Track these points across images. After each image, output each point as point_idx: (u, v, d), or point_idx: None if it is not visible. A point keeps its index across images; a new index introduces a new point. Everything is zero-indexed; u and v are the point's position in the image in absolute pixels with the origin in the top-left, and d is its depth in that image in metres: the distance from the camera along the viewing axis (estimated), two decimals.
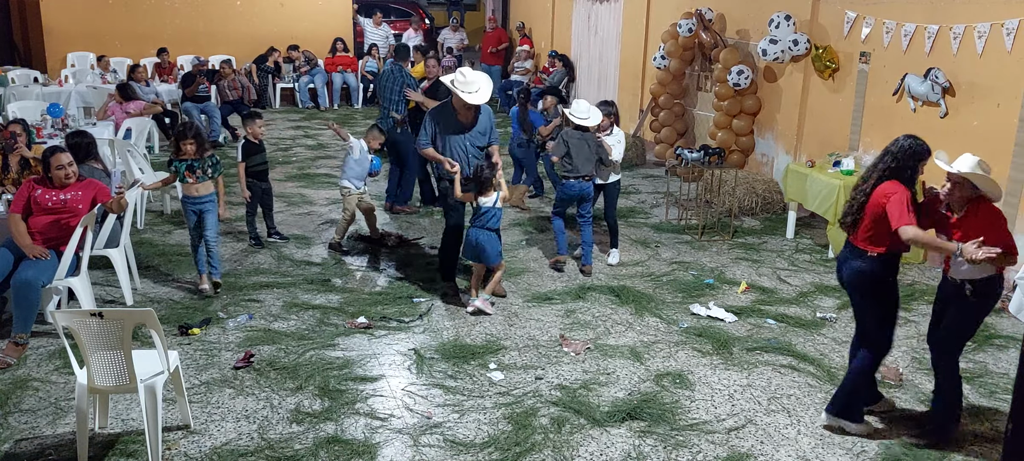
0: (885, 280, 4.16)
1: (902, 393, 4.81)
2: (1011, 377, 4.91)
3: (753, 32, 9.50)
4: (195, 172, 5.95)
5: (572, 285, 6.47)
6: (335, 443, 4.12)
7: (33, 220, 5.17)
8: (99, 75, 12.63)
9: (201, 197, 5.99)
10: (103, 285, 6.15)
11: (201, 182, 5.98)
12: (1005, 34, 6.38)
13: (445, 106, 5.99)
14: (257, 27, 16.29)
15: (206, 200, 6.03)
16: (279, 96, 15.59)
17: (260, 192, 7.24)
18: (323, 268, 6.76)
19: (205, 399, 4.54)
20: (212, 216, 6.07)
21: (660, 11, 11.47)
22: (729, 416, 4.51)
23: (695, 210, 8.43)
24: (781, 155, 9.21)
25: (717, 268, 6.99)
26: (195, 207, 6.01)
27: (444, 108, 5.99)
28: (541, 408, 4.53)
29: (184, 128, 5.99)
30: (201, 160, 5.98)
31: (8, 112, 9.59)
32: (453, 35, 16.94)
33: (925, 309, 6.17)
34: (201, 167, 5.97)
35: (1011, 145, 6.41)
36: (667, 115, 10.99)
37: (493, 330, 5.59)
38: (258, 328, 5.51)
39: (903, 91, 7.32)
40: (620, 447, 4.17)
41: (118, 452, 4.02)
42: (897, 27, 7.39)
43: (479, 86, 5.78)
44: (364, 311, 5.83)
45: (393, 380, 4.84)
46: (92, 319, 3.70)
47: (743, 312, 5.98)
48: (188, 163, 5.96)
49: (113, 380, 3.83)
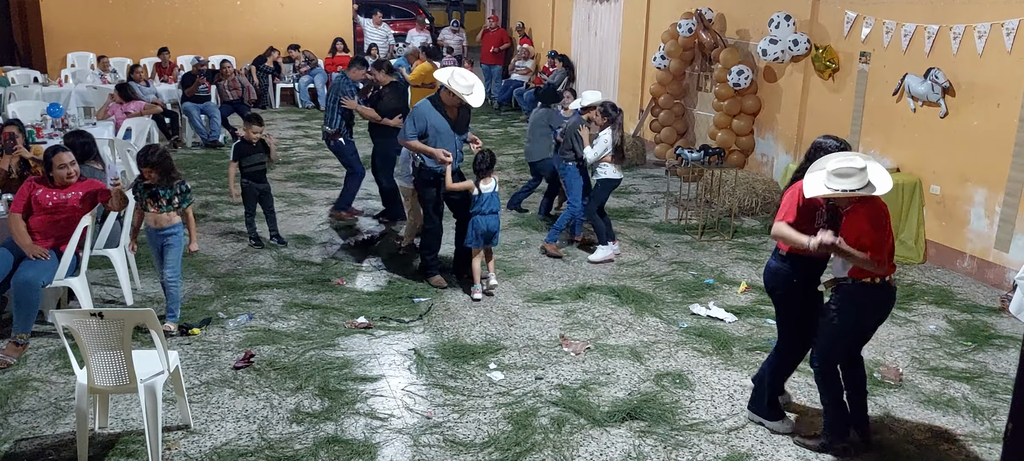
0: (790, 280, 4.11)
1: (902, 393, 4.81)
2: (1011, 377, 4.91)
3: (753, 32, 9.50)
4: (158, 200, 5.23)
5: (572, 285, 6.47)
6: (335, 443, 4.12)
7: (33, 220, 5.17)
8: (99, 75, 12.63)
9: (163, 229, 5.28)
10: (103, 285, 6.15)
11: (164, 212, 5.26)
12: (1005, 34, 6.38)
13: (434, 101, 6.17)
14: (257, 27, 16.28)
15: (169, 233, 5.30)
16: (279, 96, 15.59)
17: (257, 193, 7.17)
18: (323, 268, 6.76)
19: (205, 399, 4.54)
20: (174, 252, 5.33)
21: (660, 11, 11.47)
22: (729, 416, 4.51)
23: (695, 210, 8.44)
24: (781, 155, 9.21)
25: (717, 268, 6.99)
26: (156, 239, 5.33)
27: (434, 103, 6.16)
28: (541, 408, 4.53)
29: (147, 152, 5.25)
30: (168, 189, 5.26)
31: (8, 112, 9.59)
32: (453, 36, 16.94)
33: (925, 309, 6.17)
34: (166, 196, 5.25)
35: (1011, 145, 6.42)
36: (667, 115, 10.99)
37: (493, 330, 5.59)
38: (258, 328, 5.51)
39: (903, 91, 7.32)
40: (620, 447, 4.17)
41: (118, 452, 4.02)
42: (897, 27, 7.39)
43: (475, 86, 6.04)
44: (364, 311, 5.83)
45: (393, 380, 4.84)
46: (92, 319, 3.70)
47: (743, 312, 5.98)
48: (152, 189, 5.26)
49: (113, 380, 3.83)
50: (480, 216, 6.10)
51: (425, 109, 6.14)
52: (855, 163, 3.70)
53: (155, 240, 5.32)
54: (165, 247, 5.31)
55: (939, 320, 5.96)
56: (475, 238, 6.14)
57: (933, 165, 7.16)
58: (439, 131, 6.08)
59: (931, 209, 7.22)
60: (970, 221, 6.86)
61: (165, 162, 5.23)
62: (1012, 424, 2.92)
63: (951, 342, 5.57)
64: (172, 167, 5.28)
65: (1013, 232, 6.47)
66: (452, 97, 6.05)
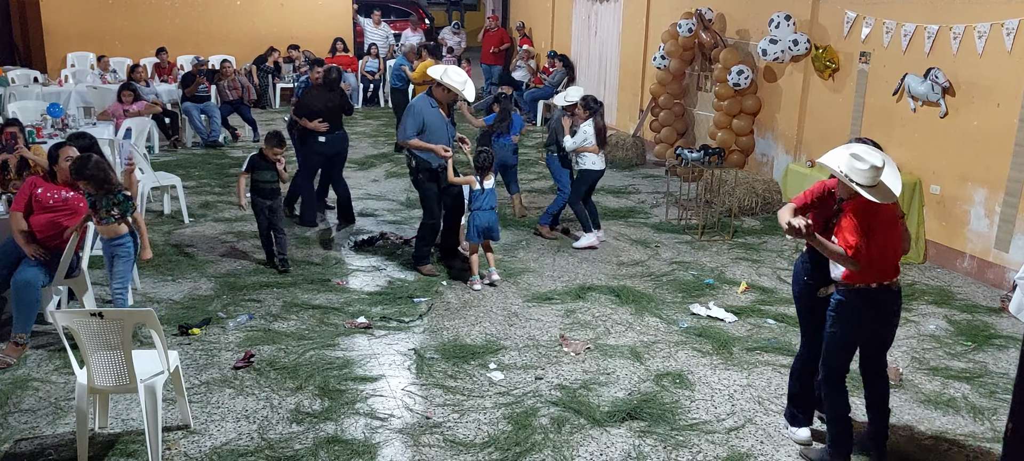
0: (802, 277, 4.07)
1: (902, 393, 4.82)
2: (1011, 377, 4.91)
3: (753, 32, 9.50)
4: (97, 211, 4.91)
5: (572, 285, 6.47)
6: (335, 443, 4.12)
7: (34, 218, 5.16)
8: (99, 75, 12.63)
9: (111, 239, 4.97)
10: (103, 285, 6.14)
11: (105, 224, 4.91)
12: (1005, 34, 6.38)
13: (428, 100, 6.41)
14: (257, 27, 16.28)
15: (117, 243, 4.96)
16: (279, 96, 15.58)
17: (266, 210, 6.70)
18: (323, 268, 6.76)
19: (205, 399, 4.54)
20: (123, 263, 4.98)
21: (660, 11, 11.47)
22: (729, 416, 4.51)
23: (695, 210, 8.43)
24: (781, 155, 9.21)
25: (717, 268, 7.00)
26: (107, 249, 5.04)
27: (428, 102, 6.40)
28: (541, 408, 4.53)
29: (81, 164, 4.83)
30: (104, 199, 4.87)
31: (8, 112, 9.59)
32: (453, 37, 16.93)
33: (925, 309, 6.17)
34: (105, 207, 4.88)
35: (1011, 145, 6.42)
36: (667, 115, 10.99)
37: (493, 330, 5.59)
38: (258, 328, 5.51)
39: (903, 91, 7.32)
40: (620, 447, 4.17)
41: (118, 452, 4.02)
42: (897, 27, 7.39)
43: (467, 82, 6.37)
44: (364, 311, 5.83)
45: (393, 380, 4.84)
46: (92, 319, 3.70)
47: (743, 312, 5.98)
48: (91, 199, 4.94)
49: (113, 380, 3.83)
50: (480, 212, 6.34)
51: (423, 107, 6.39)
52: (874, 159, 3.57)
53: (106, 250, 5.06)
54: (114, 257, 4.99)
55: (939, 320, 5.96)
56: (475, 234, 6.38)
57: (933, 165, 7.16)
58: (435, 127, 6.34)
59: (931, 209, 7.22)
60: (970, 221, 6.86)
61: (100, 173, 4.83)
62: (1012, 424, 2.91)
63: (951, 342, 5.57)
64: (107, 177, 4.87)
65: (1013, 232, 6.47)
66: (444, 93, 6.36)
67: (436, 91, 6.39)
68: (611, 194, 9.51)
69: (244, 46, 15.87)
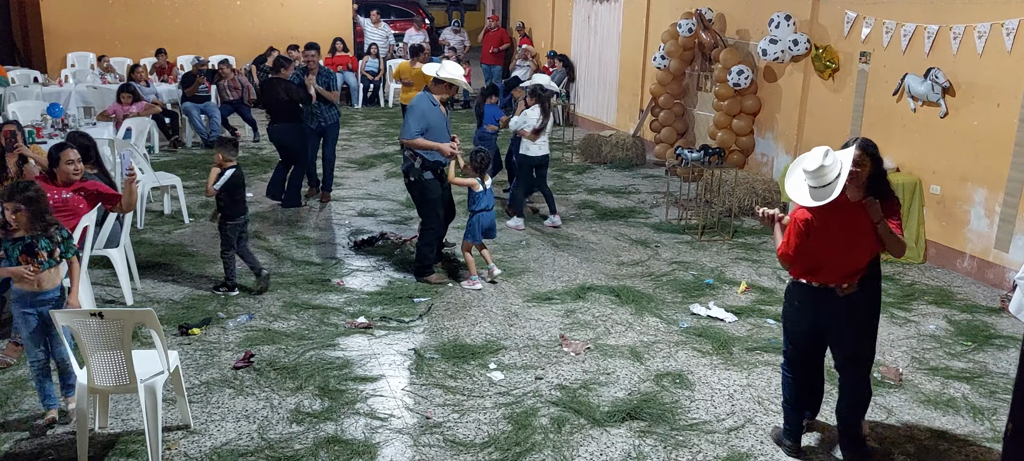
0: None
1: (902, 393, 4.81)
2: (1011, 377, 4.91)
3: (753, 32, 9.50)
4: (36, 256, 3.94)
5: (572, 285, 6.47)
6: (335, 443, 4.12)
7: None
8: (99, 75, 12.63)
9: (44, 293, 4.01)
10: (103, 285, 6.14)
11: (46, 269, 3.98)
12: (1005, 34, 6.38)
13: (429, 98, 6.39)
14: (257, 27, 16.29)
15: (51, 297, 4.04)
16: None
17: (238, 229, 6.05)
18: (323, 268, 6.76)
19: (205, 399, 4.54)
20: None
21: (660, 11, 11.47)
22: (729, 416, 4.51)
23: (695, 210, 8.43)
24: (781, 155, 9.21)
25: (717, 268, 6.99)
26: (37, 307, 4.00)
27: (429, 100, 6.38)
28: (541, 408, 4.53)
29: (18, 188, 3.96)
30: (47, 238, 3.98)
31: (8, 112, 9.58)
32: (454, 37, 16.94)
33: (925, 309, 6.17)
34: (47, 248, 3.97)
35: (1011, 145, 6.42)
36: (667, 115, 10.99)
37: (493, 330, 5.59)
38: (258, 328, 5.51)
39: (903, 91, 7.32)
40: (620, 447, 4.17)
41: (118, 452, 4.02)
42: (897, 27, 7.39)
43: (461, 71, 6.57)
44: (364, 311, 5.83)
45: (393, 380, 4.84)
46: (92, 319, 3.70)
47: (743, 312, 5.98)
48: (23, 243, 3.94)
49: (113, 380, 3.83)
50: (484, 213, 6.42)
51: (425, 105, 6.32)
52: (816, 160, 3.64)
53: (33, 306, 3.98)
54: (41, 315, 4.00)
55: (939, 320, 5.96)
56: (479, 234, 6.43)
57: (933, 165, 7.16)
58: (434, 125, 6.31)
59: (931, 209, 7.22)
60: (970, 221, 6.86)
61: (37, 201, 3.96)
62: (1012, 424, 2.92)
63: (951, 342, 5.57)
64: (46, 208, 4.03)
65: (1013, 232, 6.47)
66: (442, 89, 6.39)
67: (433, 88, 6.38)
68: (611, 194, 9.52)
69: (244, 46, 15.88)
